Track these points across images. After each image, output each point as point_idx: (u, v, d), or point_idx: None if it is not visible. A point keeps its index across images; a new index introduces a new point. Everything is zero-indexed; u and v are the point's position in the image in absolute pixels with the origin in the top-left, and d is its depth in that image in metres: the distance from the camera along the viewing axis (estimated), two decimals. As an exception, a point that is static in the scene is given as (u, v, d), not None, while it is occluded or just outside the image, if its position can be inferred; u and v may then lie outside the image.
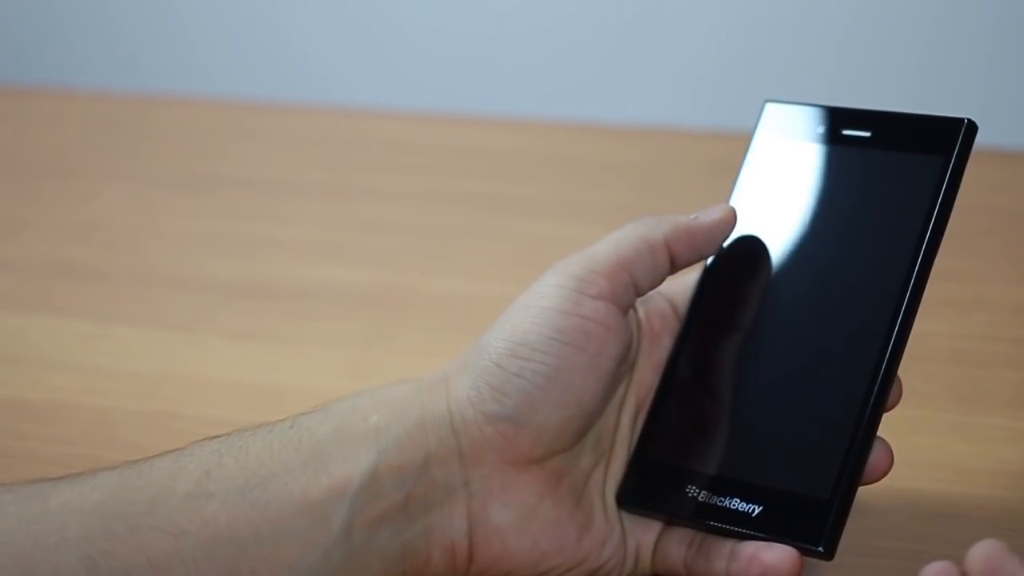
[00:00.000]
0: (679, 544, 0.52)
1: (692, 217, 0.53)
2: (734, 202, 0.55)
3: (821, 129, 0.56)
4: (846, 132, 0.56)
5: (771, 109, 0.57)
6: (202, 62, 1.75)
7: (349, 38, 1.69)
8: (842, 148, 0.56)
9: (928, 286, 0.53)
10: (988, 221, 0.83)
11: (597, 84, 1.61)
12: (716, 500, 0.51)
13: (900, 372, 0.67)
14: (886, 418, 0.60)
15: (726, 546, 0.51)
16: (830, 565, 0.54)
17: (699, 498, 0.51)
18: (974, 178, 0.88)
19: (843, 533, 0.52)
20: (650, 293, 0.54)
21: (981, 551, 0.44)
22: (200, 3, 1.74)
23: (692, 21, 1.56)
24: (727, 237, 0.54)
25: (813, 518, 0.50)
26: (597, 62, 1.61)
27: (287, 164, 0.96)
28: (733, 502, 0.51)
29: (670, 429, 0.53)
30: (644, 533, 0.52)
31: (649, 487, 0.52)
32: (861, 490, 0.53)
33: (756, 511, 0.51)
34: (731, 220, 0.54)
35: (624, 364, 0.52)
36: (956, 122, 0.54)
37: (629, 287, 0.52)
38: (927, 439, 0.61)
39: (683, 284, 0.55)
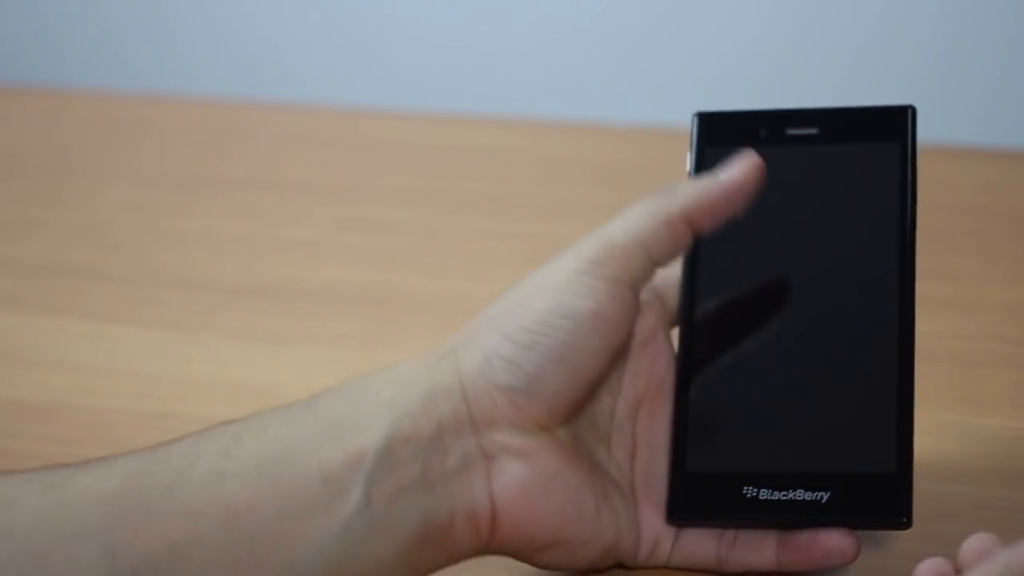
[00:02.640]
0: (708, 538, 0.52)
1: (714, 180, 0.52)
2: None
3: (766, 132, 0.56)
4: (792, 132, 0.56)
5: (705, 124, 0.57)
6: (202, 62, 1.75)
7: (349, 38, 1.69)
8: (792, 146, 0.56)
9: (928, 286, 0.54)
10: (987, 221, 0.83)
11: (597, 84, 1.61)
12: (779, 495, 0.51)
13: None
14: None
15: (770, 534, 0.51)
16: (830, 565, 0.54)
17: (760, 497, 0.51)
18: (974, 178, 0.89)
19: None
20: None
21: (974, 544, 0.44)
22: (200, 3, 1.74)
23: (692, 21, 1.57)
24: (756, 191, 0.52)
25: (887, 492, 0.50)
26: (597, 62, 1.61)
27: (287, 164, 0.96)
28: (798, 493, 0.51)
29: (707, 434, 0.53)
30: (662, 525, 0.52)
31: (702, 498, 0.52)
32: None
33: (825, 497, 0.51)
34: (758, 172, 0.52)
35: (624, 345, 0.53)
36: (901, 109, 0.55)
37: (647, 266, 0.51)
38: (927, 439, 0.61)
39: (667, 275, 0.55)
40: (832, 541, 0.50)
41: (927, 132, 0.58)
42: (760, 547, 0.52)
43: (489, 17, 1.64)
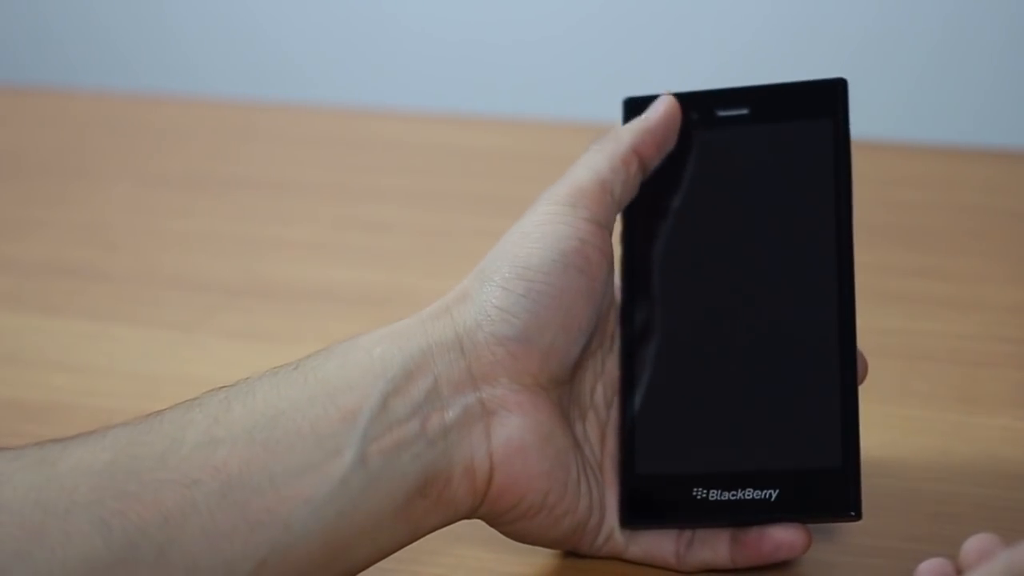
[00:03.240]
0: (666, 536, 0.53)
1: (643, 119, 0.55)
2: (637, 205, 0.56)
3: (696, 115, 0.56)
4: (722, 113, 0.56)
5: (633, 105, 0.57)
6: (202, 62, 1.75)
7: (349, 38, 1.69)
8: (723, 128, 0.56)
9: (928, 286, 0.54)
10: (987, 221, 0.83)
11: (597, 84, 1.61)
12: (729, 495, 0.51)
13: (901, 372, 0.67)
14: (886, 417, 0.61)
15: (724, 531, 0.52)
16: (830, 565, 0.54)
17: (710, 498, 0.51)
18: (973, 178, 0.89)
19: (835, 529, 0.53)
20: None
21: (975, 544, 0.44)
22: (200, 3, 1.74)
23: (692, 21, 1.57)
24: (679, 126, 0.56)
25: (834, 487, 0.50)
26: (596, 62, 1.61)
27: (287, 164, 0.96)
28: (748, 492, 0.51)
29: (652, 438, 0.53)
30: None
31: (653, 501, 0.52)
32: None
33: (774, 495, 0.51)
34: (675, 106, 0.56)
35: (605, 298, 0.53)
36: (832, 82, 0.55)
37: (612, 205, 0.54)
38: (927, 439, 0.61)
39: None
40: (781, 535, 0.51)
41: (927, 132, 0.58)
42: (715, 544, 0.52)
43: (489, 17, 1.64)
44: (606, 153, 0.55)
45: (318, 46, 1.70)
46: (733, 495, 0.51)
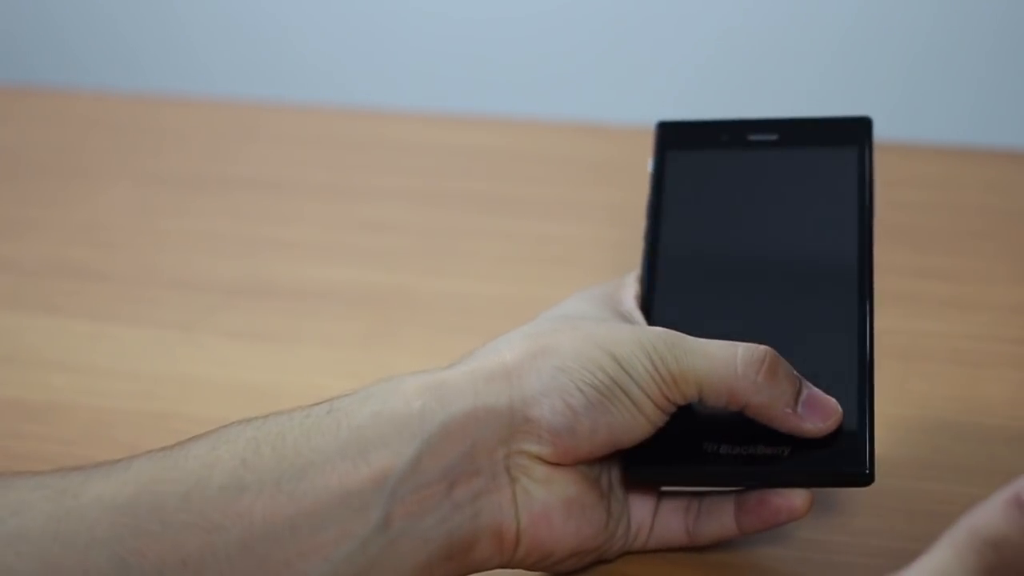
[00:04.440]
0: (676, 513, 0.53)
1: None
2: (662, 217, 0.57)
3: (727, 137, 0.59)
4: (753, 138, 0.58)
5: (666, 129, 0.60)
6: (202, 62, 1.75)
7: (349, 38, 1.69)
8: (752, 150, 0.58)
9: (929, 286, 0.54)
10: (987, 221, 0.83)
11: (596, 84, 1.61)
12: (740, 450, 0.51)
13: (901, 372, 0.67)
14: (886, 419, 0.61)
15: (728, 501, 0.52)
16: (830, 565, 0.54)
17: (720, 451, 0.51)
18: (973, 178, 0.89)
19: (835, 529, 0.53)
20: None
21: None
22: (200, 3, 1.74)
23: (691, 21, 1.56)
24: None
25: (847, 446, 0.51)
26: (597, 62, 1.61)
27: (288, 164, 0.96)
28: (759, 448, 0.51)
29: None
30: (643, 512, 0.53)
31: (662, 451, 0.52)
32: (860, 491, 0.53)
33: (786, 451, 0.51)
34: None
35: None
36: (860, 120, 0.57)
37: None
38: (927, 439, 0.61)
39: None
40: (780, 498, 0.51)
41: (928, 132, 0.59)
42: (720, 514, 0.52)
43: (489, 17, 1.64)
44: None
45: (318, 46, 1.70)
46: (744, 449, 0.51)
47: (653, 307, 0.56)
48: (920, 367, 0.53)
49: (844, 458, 0.51)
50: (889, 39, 1.50)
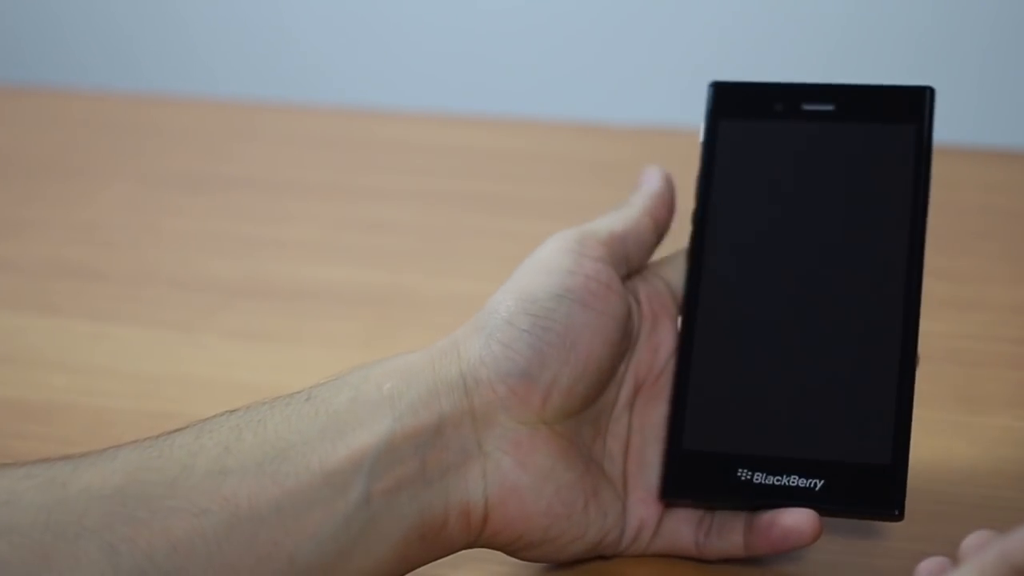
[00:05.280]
0: (687, 524, 0.53)
1: (647, 186, 0.57)
2: (712, 189, 0.56)
3: (781, 106, 0.57)
4: (808, 107, 0.56)
5: (719, 91, 0.58)
6: (203, 62, 1.75)
7: (349, 38, 1.69)
8: (807, 121, 0.56)
9: (929, 286, 0.54)
10: (987, 221, 0.83)
11: (596, 84, 1.61)
12: (773, 480, 0.51)
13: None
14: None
15: (739, 519, 0.52)
16: (830, 565, 0.54)
17: (754, 480, 0.51)
18: (974, 178, 0.89)
19: (835, 529, 0.52)
20: (647, 275, 0.56)
21: (974, 541, 0.44)
22: (201, 3, 1.74)
23: (691, 21, 1.57)
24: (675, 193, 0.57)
25: (881, 484, 0.50)
26: (597, 62, 1.61)
27: (287, 164, 0.96)
28: (792, 479, 0.51)
29: (705, 414, 0.53)
30: (647, 511, 0.53)
31: (695, 477, 0.52)
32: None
33: (819, 485, 0.51)
34: (669, 178, 0.57)
35: (626, 338, 0.53)
36: (919, 90, 0.55)
37: (622, 258, 0.54)
38: (927, 439, 0.61)
39: (679, 267, 0.56)
40: (789, 521, 0.50)
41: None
42: (731, 533, 0.52)
43: (489, 17, 1.64)
44: (620, 212, 0.55)
45: (318, 46, 1.70)
46: (778, 480, 0.51)
47: (700, 284, 0.55)
48: (920, 367, 0.53)
49: (876, 498, 0.50)
50: (889, 39, 1.50)
